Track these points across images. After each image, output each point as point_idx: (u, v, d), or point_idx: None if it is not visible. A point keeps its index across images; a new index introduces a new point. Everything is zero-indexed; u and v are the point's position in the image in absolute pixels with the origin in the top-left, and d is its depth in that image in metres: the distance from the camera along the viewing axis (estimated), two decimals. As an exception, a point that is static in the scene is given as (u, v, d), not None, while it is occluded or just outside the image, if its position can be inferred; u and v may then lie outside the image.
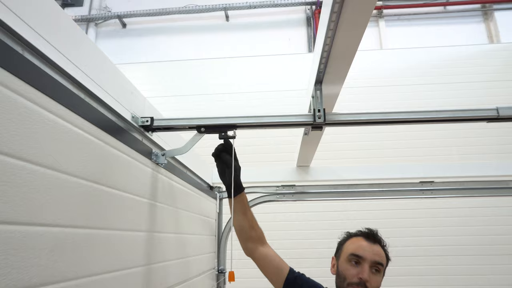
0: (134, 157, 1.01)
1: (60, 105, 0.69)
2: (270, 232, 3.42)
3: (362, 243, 1.11)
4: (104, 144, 0.85)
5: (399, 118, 1.02)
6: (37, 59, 0.65)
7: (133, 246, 0.96)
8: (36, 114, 0.63)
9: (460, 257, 3.27)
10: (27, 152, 0.60)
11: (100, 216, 0.81)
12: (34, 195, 0.60)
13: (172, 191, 1.27)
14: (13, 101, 0.58)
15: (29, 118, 0.61)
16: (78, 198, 0.73)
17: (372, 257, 1.07)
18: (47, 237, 0.63)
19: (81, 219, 0.73)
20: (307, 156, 1.98)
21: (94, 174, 0.79)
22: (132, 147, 0.99)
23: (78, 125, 0.75)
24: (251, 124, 1.05)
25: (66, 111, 0.71)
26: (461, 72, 3.94)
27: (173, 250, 1.26)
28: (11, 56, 0.58)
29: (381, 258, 1.09)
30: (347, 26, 0.77)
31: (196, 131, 1.07)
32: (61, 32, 0.71)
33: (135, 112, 1.05)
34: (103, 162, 0.84)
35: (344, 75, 0.99)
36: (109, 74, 0.92)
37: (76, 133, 0.74)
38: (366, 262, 1.06)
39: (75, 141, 0.74)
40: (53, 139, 0.67)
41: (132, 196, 0.97)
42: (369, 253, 1.08)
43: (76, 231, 0.71)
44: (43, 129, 0.64)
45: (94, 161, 0.79)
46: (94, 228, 0.79)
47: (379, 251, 1.10)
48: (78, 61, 0.75)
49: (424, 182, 2.10)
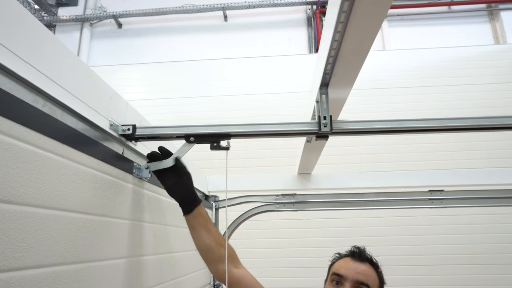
0: (111, 174, 0.87)
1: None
2: (272, 240, 3.29)
3: (346, 262, 1.01)
4: (68, 161, 0.71)
5: (416, 127, 0.89)
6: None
7: (112, 276, 0.83)
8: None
9: (467, 266, 3.13)
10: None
11: (68, 248, 0.68)
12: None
13: (159, 207, 1.14)
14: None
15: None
16: (27, 232, 0.59)
17: (355, 276, 0.96)
18: None
19: (35, 256, 0.60)
20: (309, 164, 1.85)
21: (54, 200, 0.65)
22: (109, 163, 0.85)
23: (29, 141, 0.60)
24: (247, 133, 0.92)
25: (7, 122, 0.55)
26: (466, 74, 3.82)
27: (163, 273, 1.13)
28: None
29: (366, 278, 0.96)
30: (360, 21, 0.64)
31: (185, 141, 0.94)
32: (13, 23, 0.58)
33: (114, 119, 0.92)
34: (67, 183, 0.70)
35: (354, 77, 0.86)
36: (81, 77, 0.78)
37: (27, 150, 0.60)
38: (347, 282, 0.96)
39: (22, 160, 0.59)
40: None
41: (110, 219, 0.83)
42: (351, 271, 0.97)
43: (27, 273, 0.57)
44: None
45: (51, 183, 0.66)
46: (62, 265, 0.65)
47: (365, 270, 0.98)
48: (35, 60, 0.62)
49: (433, 191, 1.98)
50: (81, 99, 0.77)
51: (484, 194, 1.91)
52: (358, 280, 0.95)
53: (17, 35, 0.59)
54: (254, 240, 3.23)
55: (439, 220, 3.21)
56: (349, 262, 1.00)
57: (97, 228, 0.76)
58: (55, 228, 0.62)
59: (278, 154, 3.40)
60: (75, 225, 0.69)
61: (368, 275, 0.97)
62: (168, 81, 4.03)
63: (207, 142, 0.92)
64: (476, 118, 0.88)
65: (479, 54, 3.91)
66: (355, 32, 0.67)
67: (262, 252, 3.26)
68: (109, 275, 0.81)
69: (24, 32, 0.61)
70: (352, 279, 0.95)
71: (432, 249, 3.18)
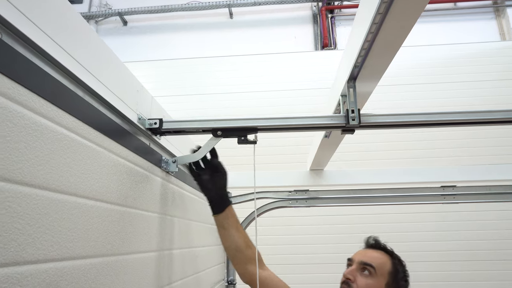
0: (143, 167, 0.87)
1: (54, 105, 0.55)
2: (284, 237, 3.28)
3: (359, 250, 1.11)
4: (109, 153, 0.71)
5: (446, 120, 0.89)
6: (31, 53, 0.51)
7: (144, 270, 0.83)
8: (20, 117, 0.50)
9: (479, 262, 3.14)
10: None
11: (110, 240, 0.68)
12: (17, 224, 0.47)
13: (183, 201, 1.14)
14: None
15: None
16: (76, 222, 0.60)
17: (360, 258, 1.04)
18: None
19: (84, 247, 0.60)
20: (322, 160, 1.85)
21: (98, 191, 0.66)
22: (140, 155, 0.85)
23: (74, 130, 0.61)
24: (275, 127, 0.91)
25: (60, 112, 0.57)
26: (472, 70, 3.81)
27: (185, 267, 1.13)
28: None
29: (371, 260, 1.02)
30: (399, 11, 0.64)
31: (212, 135, 0.94)
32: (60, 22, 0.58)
33: (141, 113, 0.92)
34: (109, 175, 0.71)
35: (383, 70, 0.86)
36: (113, 69, 0.78)
37: (73, 139, 0.61)
38: (354, 263, 1.05)
39: (72, 150, 0.60)
40: (40, 149, 0.53)
41: (142, 212, 0.83)
42: (359, 255, 1.06)
43: (74, 264, 0.58)
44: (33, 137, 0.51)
45: (97, 174, 0.66)
46: (106, 256, 0.65)
47: (372, 254, 1.05)
48: (77, 53, 0.62)
49: (445, 186, 1.98)
50: (113, 92, 0.77)
51: (497, 189, 1.91)
52: (362, 261, 1.02)
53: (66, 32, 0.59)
54: (266, 237, 3.23)
55: (450, 216, 3.21)
56: (361, 249, 1.11)
57: (132, 221, 0.77)
58: (99, 219, 0.63)
59: (287, 151, 3.40)
60: (114, 217, 0.69)
61: (374, 257, 1.03)
62: (173, 79, 4.02)
63: (234, 136, 0.92)
64: (507, 111, 0.87)
65: (485, 50, 3.90)
66: (392, 24, 0.67)
67: (274, 248, 3.26)
68: (141, 268, 0.81)
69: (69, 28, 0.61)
70: (358, 260, 1.04)
71: (442, 245, 3.19)
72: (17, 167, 0.45)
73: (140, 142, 0.87)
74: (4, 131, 0.43)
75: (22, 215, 0.45)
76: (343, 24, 4.44)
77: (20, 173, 0.45)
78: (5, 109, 0.44)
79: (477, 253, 3.15)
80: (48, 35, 0.54)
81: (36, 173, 0.48)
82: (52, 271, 0.50)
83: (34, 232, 0.47)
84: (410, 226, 3.22)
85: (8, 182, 0.43)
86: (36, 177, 0.48)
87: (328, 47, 4.22)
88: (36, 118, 0.49)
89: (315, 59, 3.96)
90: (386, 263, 1.03)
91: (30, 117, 0.48)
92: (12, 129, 0.45)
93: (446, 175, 2.04)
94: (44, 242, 0.49)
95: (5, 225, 0.42)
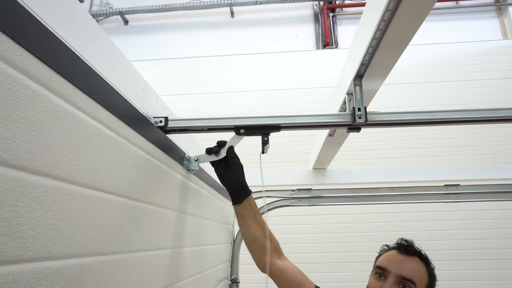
0: (166, 163, 0.87)
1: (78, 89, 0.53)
2: (286, 236, 3.28)
3: (392, 255, 0.95)
4: (136, 149, 0.71)
5: (452, 118, 0.89)
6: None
7: (158, 267, 0.83)
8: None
9: (480, 262, 3.13)
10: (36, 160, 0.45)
11: (132, 236, 0.68)
12: (49, 219, 0.47)
13: (199, 199, 1.14)
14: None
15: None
16: (102, 218, 0.59)
17: (398, 270, 0.89)
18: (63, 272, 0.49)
19: (103, 244, 0.60)
20: (326, 159, 1.85)
21: (124, 188, 0.65)
22: (164, 151, 0.85)
23: (109, 124, 0.60)
24: (295, 125, 0.91)
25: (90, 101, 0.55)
26: (474, 69, 3.80)
27: (195, 265, 1.13)
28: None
29: (411, 273, 0.89)
30: (408, 8, 0.64)
31: (234, 133, 0.94)
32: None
33: (147, 111, 0.92)
34: (135, 171, 0.71)
35: (390, 68, 0.86)
36: (118, 66, 0.78)
37: (107, 134, 0.59)
38: (390, 276, 0.89)
39: (105, 145, 0.59)
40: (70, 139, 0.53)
41: (162, 209, 0.83)
42: (395, 266, 0.90)
43: (97, 260, 0.58)
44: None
45: (125, 170, 0.65)
46: (119, 253, 0.65)
47: (411, 265, 0.91)
48: (84, 51, 0.62)
49: (449, 185, 1.97)
50: (119, 89, 0.76)
51: (500, 188, 1.91)
52: (401, 275, 0.88)
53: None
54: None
55: (453, 215, 3.21)
56: (395, 255, 0.95)
57: (152, 218, 0.77)
58: (123, 216, 0.63)
59: (290, 150, 3.39)
60: (136, 213, 0.69)
61: (414, 270, 0.90)
62: (175, 78, 4.02)
63: (257, 134, 0.92)
64: None
65: (487, 49, 3.89)
66: (401, 21, 0.66)
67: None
68: (156, 265, 0.81)
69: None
70: (396, 273, 0.89)
71: (445, 244, 3.18)
72: (54, 162, 0.45)
73: (164, 136, 0.87)
74: (47, 125, 0.43)
75: (55, 211, 0.45)
76: (344, 23, 4.43)
77: (56, 168, 0.45)
78: (50, 103, 0.44)
79: (479, 252, 3.14)
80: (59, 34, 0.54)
81: (70, 168, 0.48)
82: (77, 266, 0.50)
83: (64, 227, 0.47)
84: (414, 225, 3.21)
85: (46, 177, 0.43)
86: (70, 172, 0.48)
87: (329, 46, 4.22)
88: (77, 113, 0.49)
89: (316, 58, 3.96)
90: (424, 275, 0.92)
91: (72, 111, 0.48)
92: (54, 124, 0.45)
93: (450, 174, 2.04)
94: (72, 238, 0.48)
95: (38, 220, 0.42)
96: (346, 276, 3.09)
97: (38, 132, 0.42)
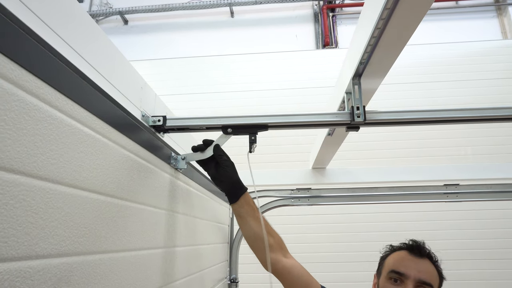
0: (152, 162, 0.87)
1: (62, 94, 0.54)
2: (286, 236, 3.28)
3: (405, 258, 0.94)
4: (119, 147, 0.71)
5: (452, 117, 0.89)
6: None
7: (151, 266, 0.83)
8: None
9: (480, 261, 3.13)
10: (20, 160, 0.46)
11: (120, 236, 0.68)
12: (31, 218, 0.47)
13: (189, 199, 1.14)
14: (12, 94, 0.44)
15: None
16: (88, 217, 0.59)
17: (417, 275, 0.89)
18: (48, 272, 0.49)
19: (91, 243, 0.60)
20: (325, 158, 1.85)
21: (109, 186, 0.65)
22: (151, 151, 0.85)
23: (87, 123, 0.60)
24: (284, 124, 0.91)
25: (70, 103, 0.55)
26: (474, 69, 3.80)
27: (190, 265, 1.13)
28: None
29: (430, 277, 0.90)
30: (407, 6, 0.64)
31: (222, 132, 0.93)
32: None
33: (145, 110, 0.92)
34: (120, 170, 0.70)
35: (389, 67, 0.86)
36: (117, 65, 0.78)
37: (86, 133, 0.60)
38: (409, 281, 0.89)
39: (85, 144, 0.59)
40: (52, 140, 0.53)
41: (150, 208, 0.83)
42: (413, 270, 0.90)
43: (84, 259, 0.57)
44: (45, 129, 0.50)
45: (108, 169, 0.66)
46: (108, 252, 0.65)
47: (427, 268, 0.92)
48: (83, 50, 0.61)
49: (448, 185, 1.97)
50: (118, 88, 0.76)
51: (500, 188, 1.91)
52: (421, 279, 0.88)
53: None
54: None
55: (453, 215, 3.20)
56: (408, 257, 0.94)
57: (141, 217, 0.77)
58: (110, 215, 0.63)
59: (289, 150, 3.39)
60: (124, 213, 0.69)
61: (430, 273, 0.91)
62: (174, 78, 4.02)
63: (245, 133, 0.92)
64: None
65: (486, 49, 3.89)
66: (399, 20, 0.66)
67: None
68: (148, 265, 0.81)
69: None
70: (415, 278, 0.88)
71: (445, 244, 3.18)
72: (32, 161, 0.45)
73: (151, 137, 0.87)
74: (21, 123, 0.43)
75: (36, 209, 0.45)
76: (344, 22, 4.43)
77: (35, 167, 0.45)
78: (23, 102, 0.44)
79: (478, 251, 3.14)
80: (57, 33, 0.54)
81: (50, 167, 0.48)
82: (63, 266, 0.50)
83: (47, 226, 0.47)
84: (413, 224, 3.21)
85: (23, 175, 0.43)
86: (50, 171, 0.48)
87: (329, 46, 4.22)
88: (52, 112, 0.49)
89: (316, 58, 3.96)
90: (437, 277, 0.93)
91: (47, 110, 0.48)
92: (29, 122, 0.45)
93: (449, 173, 2.04)
94: (56, 237, 0.48)
95: (19, 219, 0.42)
96: (346, 276, 3.09)
97: (13, 130, 0.42)
